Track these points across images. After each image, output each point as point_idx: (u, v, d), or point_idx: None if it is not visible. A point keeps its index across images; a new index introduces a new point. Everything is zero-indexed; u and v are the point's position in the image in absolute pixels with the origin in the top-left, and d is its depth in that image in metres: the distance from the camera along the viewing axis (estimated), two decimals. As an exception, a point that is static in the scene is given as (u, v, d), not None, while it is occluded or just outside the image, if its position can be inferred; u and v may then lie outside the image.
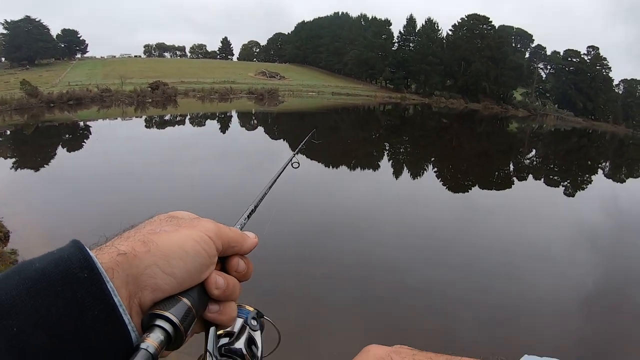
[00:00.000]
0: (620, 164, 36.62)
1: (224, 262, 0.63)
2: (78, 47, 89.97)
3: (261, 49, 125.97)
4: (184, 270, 0.53)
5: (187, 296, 0.54)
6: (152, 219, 0.60)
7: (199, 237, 0.56)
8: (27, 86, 35.96)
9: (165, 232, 0.55)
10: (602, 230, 13.58)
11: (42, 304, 0.42)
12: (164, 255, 0.52)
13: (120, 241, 0.53)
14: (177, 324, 0.50)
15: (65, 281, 0.44)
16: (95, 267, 0.46)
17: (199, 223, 0.59)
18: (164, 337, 0.48)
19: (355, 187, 15.61)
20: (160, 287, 0.51)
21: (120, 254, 0.50)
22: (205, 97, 50.65)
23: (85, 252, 0.47)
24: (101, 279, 0.46)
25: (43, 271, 0.44)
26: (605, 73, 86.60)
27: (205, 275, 0.57)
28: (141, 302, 0.51)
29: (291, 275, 7.70)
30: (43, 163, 16.29)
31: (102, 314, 0.45)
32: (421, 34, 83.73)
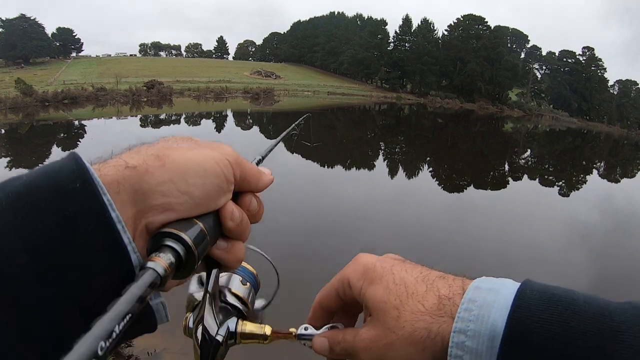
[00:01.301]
0: (615, 164, 36.74)
1: (236, 199, 0.55)
2: (73, 45, 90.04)
3: (257, 48, 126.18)
4: (202, 189, 0.48)
5: (202, 220, 0.48)
6: (167, 137, 0.55)
7: (219, 159, 0.50)
8: (22, 85, 35.83)
9: (183, 149, 0.50)
10: (597, 230, 13.63)
11: (26, 221, 0.37)
12: (181, 171, 0.47)
13: (130, 154, 0.48)
14: (190, 245, 0.44)
15: (54, 194, 0.39)
16: (90, 177, 0.41)
17: (218, 146, 0.54)
18: (174, 259, 0.43)
19: (349, 186, 15.61)
20: (173, 206, 0.46)
21: (128, 167, 0.45)
22: (200, 96, 50.60)
23: (80, 162, 0.42)
24: (96, 190, 0.41)
25: (29, 185, 0.40)
26: (600, 74, 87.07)
27: (222, 203, 0.51)
28: (149, 223, 0.46)
29: (283, 275, 7.69)
30: (38, 162, 16.19)
31: (96, 231, 0.40)
32: (417, 34, 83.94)
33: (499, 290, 0.47)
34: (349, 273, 0.59)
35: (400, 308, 0.52)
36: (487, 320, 0.45)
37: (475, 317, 0.45)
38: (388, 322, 0.52)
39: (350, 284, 0.58)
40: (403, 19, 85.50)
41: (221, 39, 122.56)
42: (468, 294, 0.48)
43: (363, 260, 0.60)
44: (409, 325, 0.50)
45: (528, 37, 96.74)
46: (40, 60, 75.02)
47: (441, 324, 0.49)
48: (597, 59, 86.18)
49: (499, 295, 0.46)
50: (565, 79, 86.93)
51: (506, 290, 0.46)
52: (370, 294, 0.55)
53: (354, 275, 0.58)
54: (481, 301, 0.46)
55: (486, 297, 0.46)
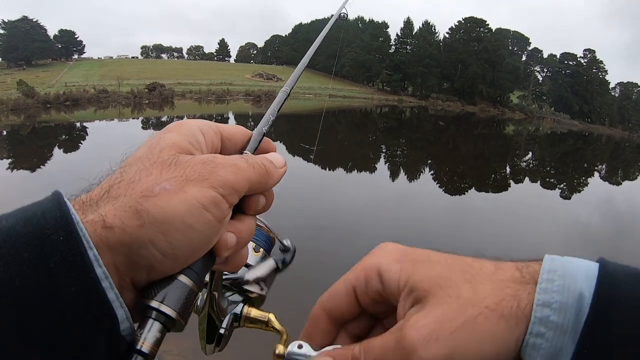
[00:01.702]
0: (617, 166, 36.70)
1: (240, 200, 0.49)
2: (75, 47, 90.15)
3: (258, 51, 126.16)
4: (187, 249, 0.43)
5: (189, 273, 0.45)
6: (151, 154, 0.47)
7: (208, 201, 0.44)
8: (24, 86, 35.97)
9: (166, 194, 0.42)
10: (599, 233, 13.61)
11: (4, 273, 0.34)
12: (162, 231, 0.41)
13: (107, 203, 0.42)
14: (174, 318, 0.42)
15: (35, 245, 0.36)
16: (75, 229, 0.37)
17: (212, 171, 0.45)
18: (160, 334, 0.42)
19: (350, 189, 15.61)
20: (156, 268, 0.42)
21: (105, 227, 0.40)
22: (202, 98, 50.76)
23: (64, 208, 0.39)
24: (80, 244, 0.37)
25: (9, 231, 0.36)
26: (601, 76, 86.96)
27: (214, 243, 0.46)
28: (134, 281, 0.43)
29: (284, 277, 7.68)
30: (39, 164, 16.23)
31: (80, 289, 0.36)
32: (418, 36, 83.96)
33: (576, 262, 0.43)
34: (379, 259, 0.50)
35: (473, 280, 0.44)
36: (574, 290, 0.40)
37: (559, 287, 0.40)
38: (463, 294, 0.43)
39: (381, 270, 0.48)
40: (404, 22, 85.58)
41: (223, 42, 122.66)
42: (546, 264, 0.43)
43: (393, 246, 0.51)
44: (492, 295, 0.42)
45: (529, 39, 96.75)
46: (42, 62, 75.13)
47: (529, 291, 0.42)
48: (598, 61, 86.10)
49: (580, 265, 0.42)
50: (567, 81, 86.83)
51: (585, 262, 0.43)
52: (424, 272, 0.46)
53: (386, 259, 0.49)
54: (562, 270, 0.41)
55: (566, 267, 0.42)
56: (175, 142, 0.48)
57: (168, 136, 0.49)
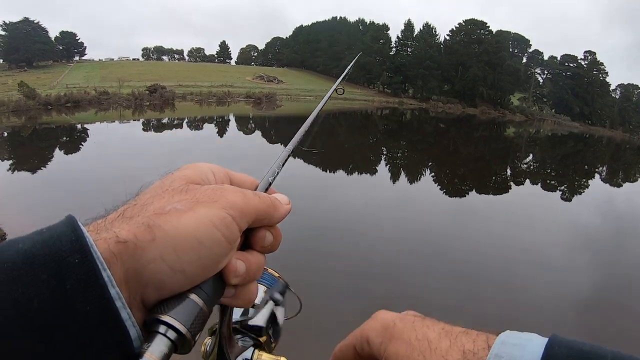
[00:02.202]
0: (617, 168, 36.74)
1: (247, 234, 0.53)
2: (76, 49, 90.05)
3: (259, 53, 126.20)
4: (196, 264, 0.45)
5: (199, 292, 0.46)
6: (163, 184, 0.51)
7: (218, 220, 0.46)
8: (25, 88, 35.95)
9: (177, 212, 0.45)
10: (599, 235, 13.60)
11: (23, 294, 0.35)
12: (173, 245, 0.43)
13: (121, 223, 0.45)
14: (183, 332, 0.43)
15: (52, 267, 0.37)
16: (89, 252, 0.39)
17: (221, 195, 0.49)
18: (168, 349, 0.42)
19: (351, 191, 15.61)
20: (166, 285, 0.43)
21: (119, 242, 0.42)
22: (203, 100, 50.78)
23: (79, 232, 0.40)
24: (95, 266, 0.39)
25: (26, 254, 0.37)
26: (602, 78, 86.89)
27: (223, 265, 0.48)
28: (144, 299, 0.44)
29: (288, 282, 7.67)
30: (40, 165, 16.25)
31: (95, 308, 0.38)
32: (419, 38, 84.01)
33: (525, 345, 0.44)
34: (368, 330, 0.58)
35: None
36: None
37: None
38: None
39: (369, 341, 0.57)
40: (405, 24, 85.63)
41: (224, 44, 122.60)
42: (494, 349, 0.45)
43: (382, 317, 0.59)
44: None
45: (530, 41, 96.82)
46: (43, 64, 75.06)
47: None
48: (598, 63, 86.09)
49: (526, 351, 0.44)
50: (567, 83, 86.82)
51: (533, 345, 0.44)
52: (392, 350, 0.54)
53: (372, 332, 0.57)
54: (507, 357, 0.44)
55: (512, 352, 0.44)
56: (186, 175, 0.52)
57: (181, 171, 0.53)
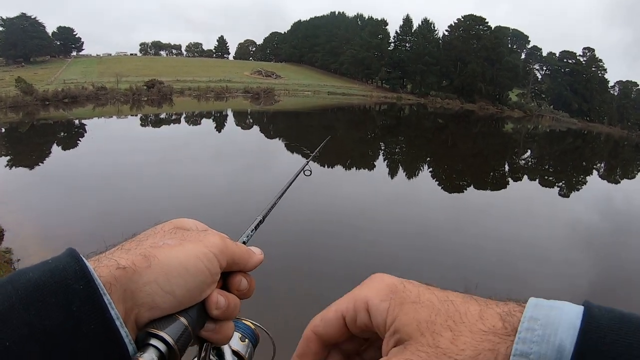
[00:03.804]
0: (615, 165, 36.79)
1: (225, 278, 0.60)
2: (74, 44, 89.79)
3: (257, 48, 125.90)
4: (184, 289, 0.52)
5: (185, 315, 0.52)
6: (155, 229, 0.58)
7: (202, 254, 0.54)
8: (22, 84, 35.94)
9: (168, 246, 0.53)
10: (597, 230, 13.64)
11: (36, 316, 0.41)
12: (165, 272, 0.51)
13: (121, 254, 0.51)
14: (171, 344, 0.48)
15: (60, 292, 0.43)
16: (92, 279, 0.45)
17: (205, 237, 0.57)
18: (157, 357, 0.47)
19: (350, 186, 15.61)
20: (158, 305, 0.50)
21: (119, 268, 0.48)
22: (201, 95, 50.81)
23: (82, 263, 0.46)
24: (98, 292, 0.44)
25: (37, 282, 0.43)
26: (600, 74, 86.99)
27: (206, 294, 0.55)
28: (137, 319, 0.49)
29: (284, 274, 7.68)
30: (38, 161, 16.22)
31: (98, 327, 0.44)
32: (417, 34, 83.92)
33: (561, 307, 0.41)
34: (368, 293, 0.50)
35: (454, 329, 0.44)
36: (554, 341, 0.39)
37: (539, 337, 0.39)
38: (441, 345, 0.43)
39: (369, 306, 0.50)
40: (403, 19, 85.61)
41: (222, 39, 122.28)
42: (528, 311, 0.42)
43: (385, 280, 0.52)
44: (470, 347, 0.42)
45: (528, 37, 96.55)
46: (40, 59, 74.93)
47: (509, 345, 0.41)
48: (597, 59, 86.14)
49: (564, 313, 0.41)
50: (566, 79, 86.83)
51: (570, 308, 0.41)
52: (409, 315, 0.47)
53: (376, 295, 0.50)
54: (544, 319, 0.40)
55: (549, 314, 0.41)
56: (174, 223, 0.60)
57: (169, 222, 0.60)
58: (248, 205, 10.13)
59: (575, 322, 0.39)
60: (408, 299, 0.48)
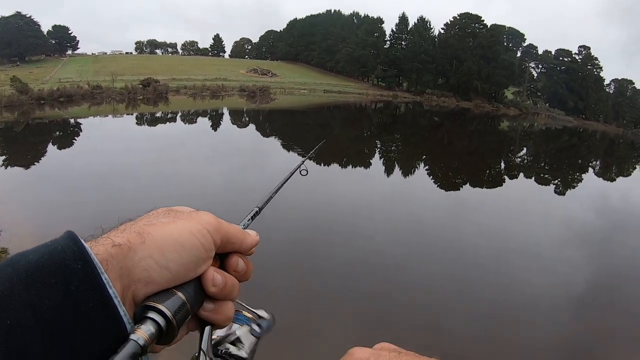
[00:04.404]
0: (611, 162, 36.90)
1: (223, 260, 0.61)
2: (69, 43, 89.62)
3: (253, 46, 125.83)
4: (179, 263, 0.52)
5: (182, 290, 0.53)
6: (149, 213, 0.59)
7: (196, 230, 0.55)
8: (17, 83, 35.74)
9: (162, 224, 0.55)
10: (592, 228, 13.68)
11: (36, 296, 0.41)
12: (159, 247, 0.52)
13: (117, 233, 0.52)
14: (169, 316, 0.49)
15: (59, 273, 0.43)
16: (90, 259, 0.45)
17: (197, 215, 0.58)
18: (155, 330, 0.47)
19: (346, 184, 15.62)
20: (154, 280, 0.51)
21: (114, 246, 0.49)
22: (196, 94, 50.71)
23: (80, 244, 0.46)
24: (95, 271, 0.45)
25: (37, 263, 0.43)
26: (596, 73, 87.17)
27: (202, 270, 0.56)
28: (135, 294, 0.50)
29: (280, 270, 7.69)
30: (33, 161, 16.16)
31: (96, 305, 0.44)
32: (413, 32, 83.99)
33: None
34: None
35: None
36: None
37: None
38: None
39: None
40: (399, 17, 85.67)
41: (217, 37, 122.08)
42: None
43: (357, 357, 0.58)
44: None
45: (524, 35, 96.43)
46: (36, 58, 74.60)
47: None
48: (593, 57, 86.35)
49: None
50: (562, 77, 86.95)
51: None
52: None
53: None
54: None
55: None
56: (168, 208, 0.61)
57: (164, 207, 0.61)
58: (244, 205, 10.11)
59: None
60: None
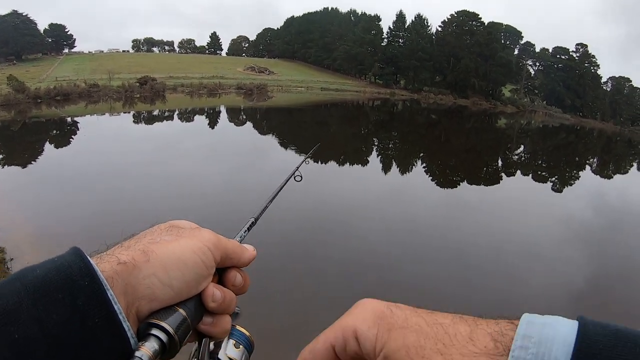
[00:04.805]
0: (608, 160, 36.98)
1: (221, 275, 0.63)
2: (66, 41, 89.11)
3: (250, 44, 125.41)
4: (181, 281, 0.54)
5: (183, 307, 0.54)
6: (152, 228, 0.60)
7: (197, 248, 0.56)
8: (14, 82, 35.71)
9: (165, 242, 0.56)
10: (590, 225, 13.70)
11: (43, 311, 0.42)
12: (163, 265, 0.53)
13: (121, 250, 0.53)
14: (171, 333, 0.50)
15: (66, 288, 0.44)
16: (96, 275, 0.46)
17: (199, 233, 0.59)
18: (158, 347, 0.49)
19: (343, 182, 15.61)
20: (157, 297, 0.52)
21: (120, 263, 0.50)
22: (193, 92, 50.68)
23: (86, 260, 0.47)
24: (102, 287, 0.46)
25: (44, 278, 0.44)
26: (593, 70, 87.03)
27: (203, 287, 0.57)
28: (138, 311, 0.51)
29: (277, 272, 7.68)
30: (30, 160, 16.14)
31: (102, 321, 0.45)
32: (410, 30, 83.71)
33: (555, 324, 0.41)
34: (355, 321, 0.50)
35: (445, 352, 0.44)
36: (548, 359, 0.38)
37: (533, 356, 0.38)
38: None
39: (358, 334, 0.49)
40: (397, 15, 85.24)
41: (214, 35, 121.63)
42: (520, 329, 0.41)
43: (372, 306, 0.51)
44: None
45: (522, 33, 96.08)
46: (32, 57, 74.28)
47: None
48: (590, 55, 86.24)
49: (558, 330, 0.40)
50: (559, 75, 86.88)
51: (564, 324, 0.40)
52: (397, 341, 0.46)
53: (363, 323, 0.50)
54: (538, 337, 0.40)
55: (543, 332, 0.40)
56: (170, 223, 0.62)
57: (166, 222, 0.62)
58: (241, 206, 10.10)
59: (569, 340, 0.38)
60: (396, 324, 0.48)
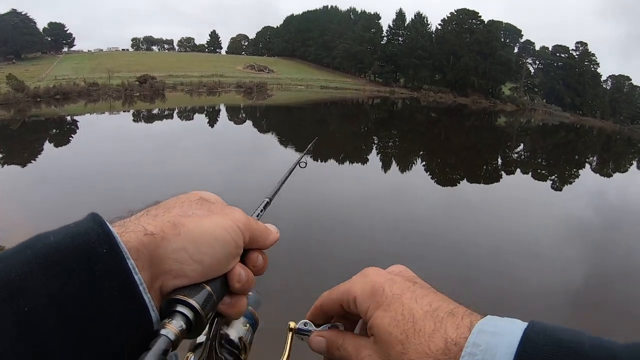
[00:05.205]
0: (608, 158, 36.96)
1: (243, 255, 0.60)
2: (65, 40, 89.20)
3: (250, 43, 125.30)
4: (212, 258, 0.52)
5: (211, 285, 0.52)
6: (180, 198, 0.58)
7: (229, 227, 0.55)
8: (13, 81, 35.63)
9: (197, 217, 0.54)
10: (590, 224, 13.69)
11: (55, 282, 0.39)
12: (194, 240, 0.51)
13: (147, 219, 0.51)
14: (198, 310, 0.48)
15: (82, 257, 0.42)
16: (116, 243, 0.44)
17: (230, 212, 0.58)
18: (184, 324, 0.47)
19: (343, 180, 15.60)
20: (185, 273, 0.50)
21: (147, 234, 0.48)
22: (193, 90, 50.66)
23: (105, 227, 0.45)
24: (121, 255, 0.44)
25: (58, 245, 0.42)
26: (593, 69, 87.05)
27: (231, 266, 0.55)
28: (162, 286, 0.49)
29: (279, 267, 7.68)
30: (30, 159, 16.12)
31: (121, 292, 0.43)
32: (410, 28, 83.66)
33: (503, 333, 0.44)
34: (356, 290, 0.57)
35: (405, 344, 0.49)
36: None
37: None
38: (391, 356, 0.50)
39: (356, 301, 0.57)
40: (396, 13, 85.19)
41: (214, 33, 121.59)
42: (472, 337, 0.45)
43: (372, 279, 0.57)
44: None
45: (521, 31, 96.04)
46: (31, 56, 74.25)
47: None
48: (590, 54, 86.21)
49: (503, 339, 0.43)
50: (559, 73, 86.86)
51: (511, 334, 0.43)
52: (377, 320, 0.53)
53: (361, 294, 0.57)
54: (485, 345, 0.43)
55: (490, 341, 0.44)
56: (199, 194, 0.60)
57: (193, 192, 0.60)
58: (241, 205, 10.07)
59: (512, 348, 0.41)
60: (383, 303, 0.54)
